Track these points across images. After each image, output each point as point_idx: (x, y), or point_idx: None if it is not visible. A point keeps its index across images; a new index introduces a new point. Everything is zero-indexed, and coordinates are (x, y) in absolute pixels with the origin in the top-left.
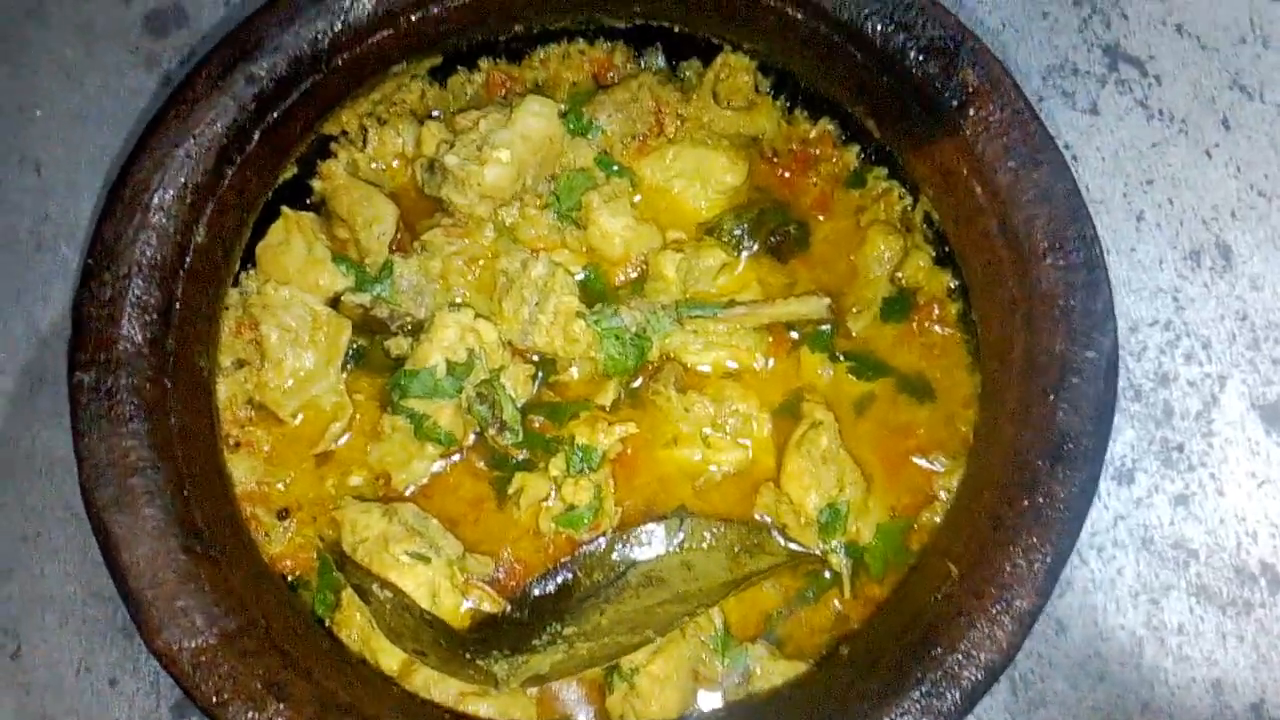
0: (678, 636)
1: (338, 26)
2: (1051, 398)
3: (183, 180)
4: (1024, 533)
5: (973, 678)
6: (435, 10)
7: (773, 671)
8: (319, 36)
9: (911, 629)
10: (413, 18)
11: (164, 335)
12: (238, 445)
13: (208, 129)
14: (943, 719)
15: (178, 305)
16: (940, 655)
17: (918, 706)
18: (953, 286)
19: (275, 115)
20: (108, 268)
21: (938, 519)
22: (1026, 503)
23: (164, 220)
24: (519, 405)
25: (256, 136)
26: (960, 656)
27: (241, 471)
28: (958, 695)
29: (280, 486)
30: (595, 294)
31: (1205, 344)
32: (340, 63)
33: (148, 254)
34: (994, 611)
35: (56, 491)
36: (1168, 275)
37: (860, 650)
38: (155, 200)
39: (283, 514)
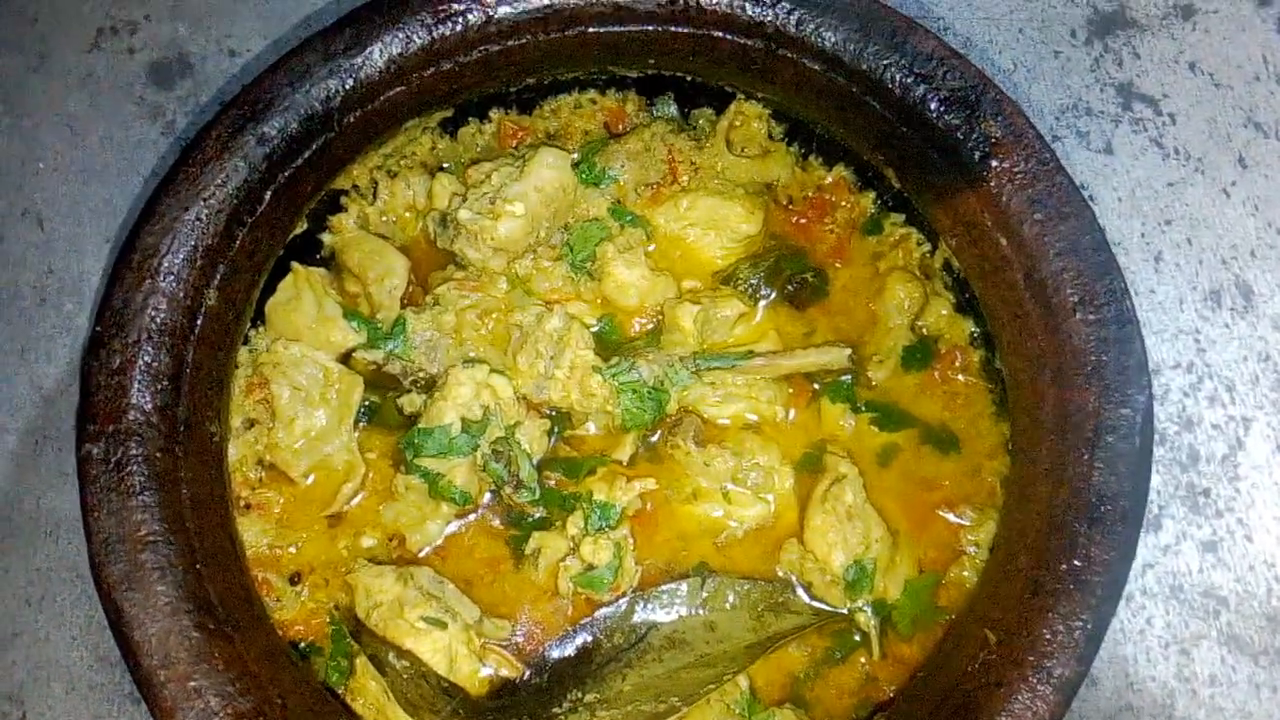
0: (704, 701)
1: (349, 85)
2: (1087, 456)
3: (193, 244)
4: (1063, 598)
5: None
6: (447, 67)
7: None
8: (331, 95)
9: (949, 699)
10: (425, 74)
11: (174, 402)
12: (248, 507)
13: (218, 191)
14: None
15: (188, 371)
16: None
17: None
18: (975, 334)
19: (287, 174)
20: (116, 335)
21: (966, 574)
22: (1065, 567)
23: (174, 285)
24: (535, 462)
25: (268, 197)
26: None
27: (253, 535)
28: None
29: (292, 550)
30: (611, 345)
31: (1229, 386)
32: (352, 120)
33: (157, 320)
34: (1034, 681)
35: (61, 553)
36: (1188, 316)
37: None
38: (165, 265)
39: (294, 578)
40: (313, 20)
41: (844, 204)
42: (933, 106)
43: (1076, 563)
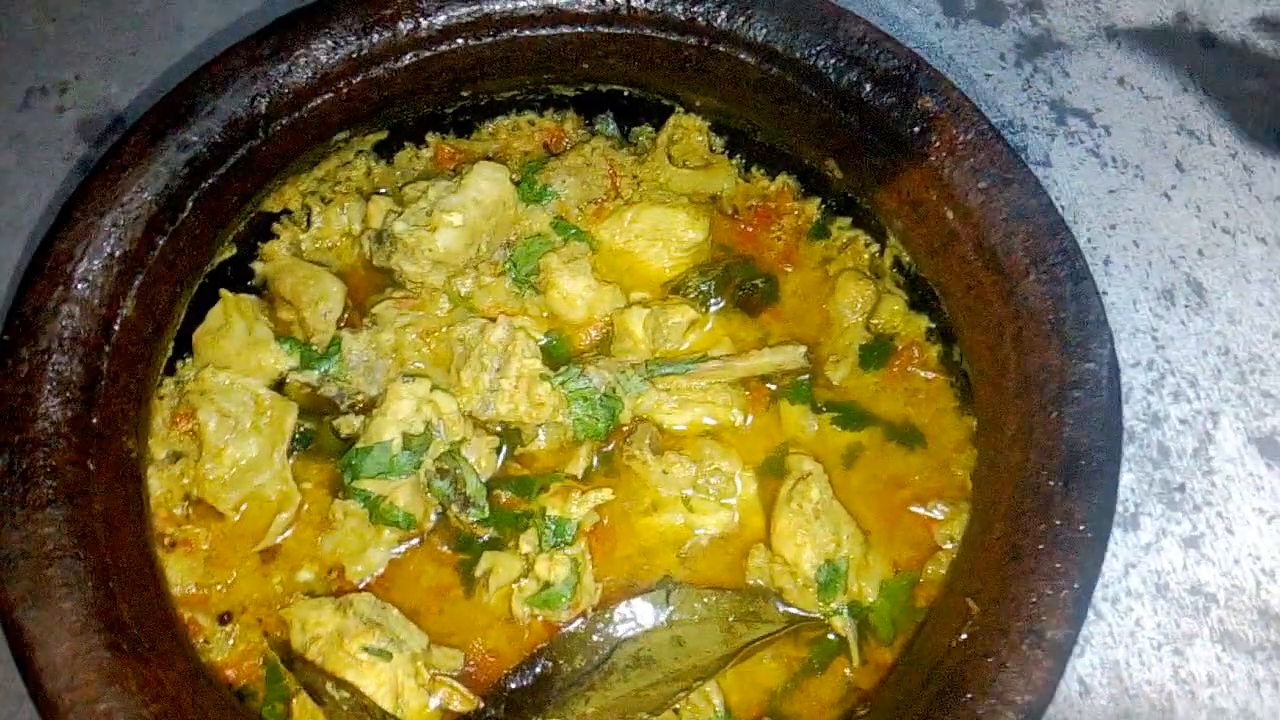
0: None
1: (275, 90)
2: (1055, 415)
3: (109, 250)
4: (1045, 559)
5: None
6: (376, 73)
7: None
8: (255, 100)
9: (934, 678)
10: (353, 81)
11: (87, 413)
12: (173, 545)
13: (136, 197)
14: None
15: (103, 382)
16: (972, 703)
17: None
18: (931, 329)
19: (210, 183)
20: (25, 342)
21: (945, 571)
22: (1044, 527)
23: (87, 291)
24: (483, 480)
25: (190, 205)
26: (994, 702)
27: (178, 573)
28: None
29: (221, 588)
30: (559, 360)
31: (1192, 381)
32: (279, 129)
33: (69, 327)
34: (1024, 647)
35: None
36: (1144, 315)
37: (881, 711)
38: (79, 271)
39: (224, 618)
40: None
41: (789, 211)
42: (867, 88)
43: (1056, 521)
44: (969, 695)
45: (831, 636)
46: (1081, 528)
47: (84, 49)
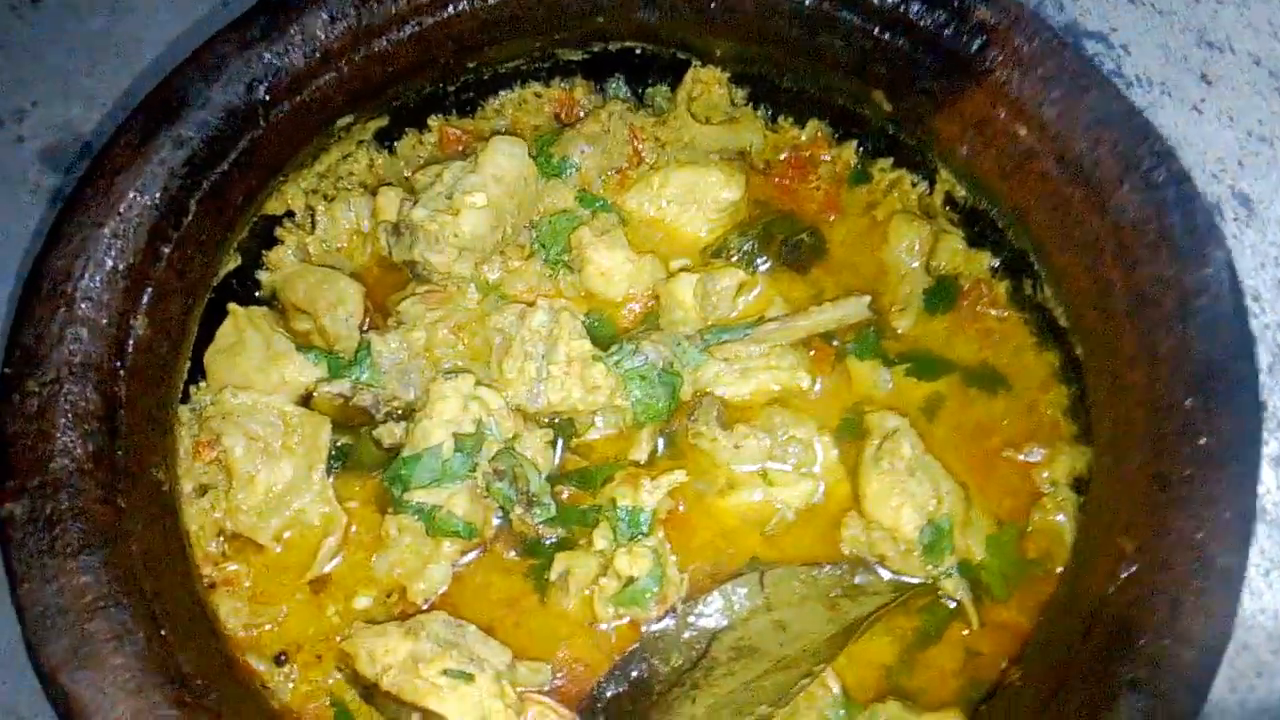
0: (793, 712)
1: (273, 74)
2: (1179, 328)
3: (111, 264)
4: (1199, 482)
5: (1195, 663)
6: (379, 47)
7: None
8: (253, 86)
9: (1096, 627)
10: (355, 57)
11: (110, 446)
12: (213, 585)
13: (135, 203)
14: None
15: (122, 410)
16: (1147, 646)
17: (1140, 714)
18: (995, 266)
19: (212, 181)
20: (31, 374)
21: (1054, 518)
22: (1190, 449)
23: (94, 311)
24: (544, 475)
25: (193, 207)
26: (1172, 641)
27: (223, 615)
28: (1183, 689)
29: (271, 627)
30: (604, 341)
31: (1254, 295)
32: (280, 116)
33: (78, 351)
34: (1196, 581)
35: None
36: None
37: (1037, 670)
38: (80, 290)
39: (280, 658)
40: None
41: (825, 159)
42: (915, 7)
43: (1202, 441)
44: (1143, 639)
45: (944, 600)
46: (1231, 444)
47: (37, 73)
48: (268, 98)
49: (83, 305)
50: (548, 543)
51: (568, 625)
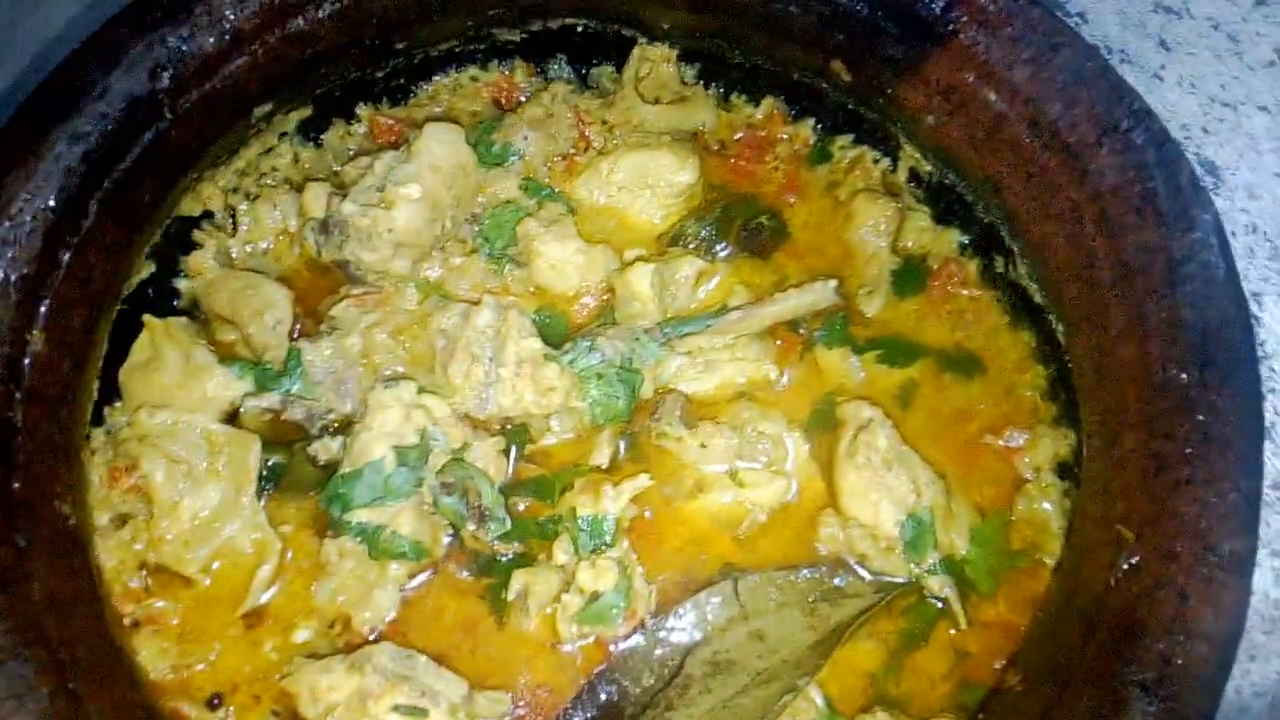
0: None
1: (178, 59)
2: (1168, 297)
3: (1, 273)
4: (1200, 462)
5: (1207, 659)
6: (295, 26)
7: None
8: (156, 72)
9: (1098, 624)
10: (269, 39)
11: (5, 477)
12: (136, 625)
13: (28, 205)
14: None
15: (19, 437)
16: (1154, 643)
17: (1152, 716)
18: (964, 242)
19: (115, 179)
20: None
21: (1039, 506)
22: (1188, 427)
23: None
24: (498, 486)
25: (93, 209)
26: (1181, 637)
27: (148, 657)
28: (1197, 688)
29: (203, 667)
30: (556, 339)
31: None
32: (189, 105)
33: None
34: (1202, 568)
35: None
36: None
37: (1037, 673)
38: None
39: (214, 702)
40: None
41: (782, 137)
42: None
43: (1201, 417)
44: (1148, 636)
45: (929, 600)
46: (1232, 418)
47: None
48: (173, 85)
49: None
50: (504, 559)
51: (529, 648)
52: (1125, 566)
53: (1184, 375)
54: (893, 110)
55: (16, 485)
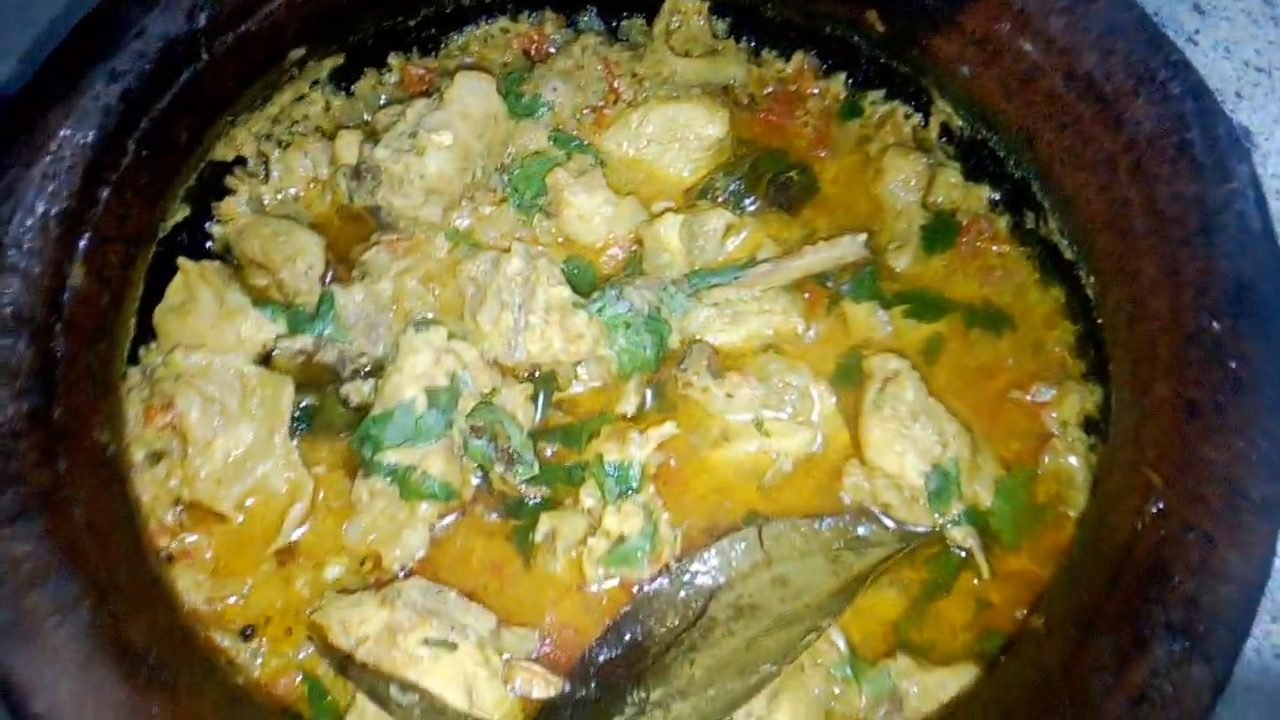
0: (797, 672)
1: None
2: (1203, 247)
3: (43, 208)
4: (1230, 409)
5: (1233, 601)
6: None
7: (933, 686)
8: (193, 13)
9: (1125, 568)
10: None
11: (47, 405)
12: (171, 558)
13: (67, 142)
14: (1212, 663)
15: (60, 367)
16: (1180, 585)
17: (1176, 657)
18: (994, 198)
19: (152, 119)
20: None
21: (1065, 460)
22: (1219, 374)
23: (24, 260)
24: (526, 431)
25: (131, 147)
26: (1209, 579)
27: (183, 588)
28: (1222, 629)
29: (236, 600)
30: (585, 289)
31: None
32: (225, 47)
33: (8, 301)
34: (1229, 514)
35: None
36: None
37: (1062, 615)
38: (9, 235)
39: (246, 633)
40: None
41: (813, 92)
42: None
43: (1232, 364)
44: (1175, 578)
45: (952, 550)
46: (1265, 368)
47: None
48: (210, 26)
49: (12, 252)
50: (531, 503)
51: (555, 589)
52: (1153, 511)
53: (1216, 324)
54: (926, 62)
55: (57, 413)
